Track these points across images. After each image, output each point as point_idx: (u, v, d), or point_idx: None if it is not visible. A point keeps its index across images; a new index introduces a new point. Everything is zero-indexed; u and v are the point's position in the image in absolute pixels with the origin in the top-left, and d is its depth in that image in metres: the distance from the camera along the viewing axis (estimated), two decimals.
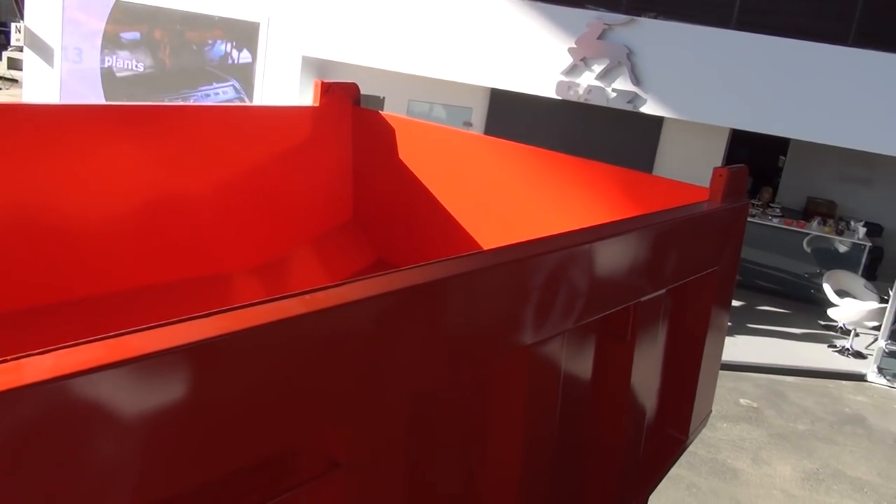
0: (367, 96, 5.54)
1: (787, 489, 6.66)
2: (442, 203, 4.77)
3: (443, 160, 4.73)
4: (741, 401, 8.26)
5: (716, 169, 3.49)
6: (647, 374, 3.20)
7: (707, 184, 3.52)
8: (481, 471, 2.43)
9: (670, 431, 3.90)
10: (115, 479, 1.35)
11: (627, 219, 2.93)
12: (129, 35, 10.97)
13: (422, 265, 1.98)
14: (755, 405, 8.25)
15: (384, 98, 11.16)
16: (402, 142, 4.84)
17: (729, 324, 4.07)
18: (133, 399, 1.33)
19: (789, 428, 7.84)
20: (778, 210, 11.98)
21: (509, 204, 4.49)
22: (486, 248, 4.71)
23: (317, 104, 4.77)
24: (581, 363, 2.90)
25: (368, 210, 5.20)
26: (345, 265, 5.07)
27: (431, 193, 4.77)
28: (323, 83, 4.74)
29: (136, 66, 10.99)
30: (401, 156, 4.86)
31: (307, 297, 1.56)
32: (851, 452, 7.51)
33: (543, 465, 2.63)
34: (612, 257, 2.72)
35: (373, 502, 1.85)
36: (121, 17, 10.92)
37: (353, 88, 4.93)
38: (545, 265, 2.37)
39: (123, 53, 11.00)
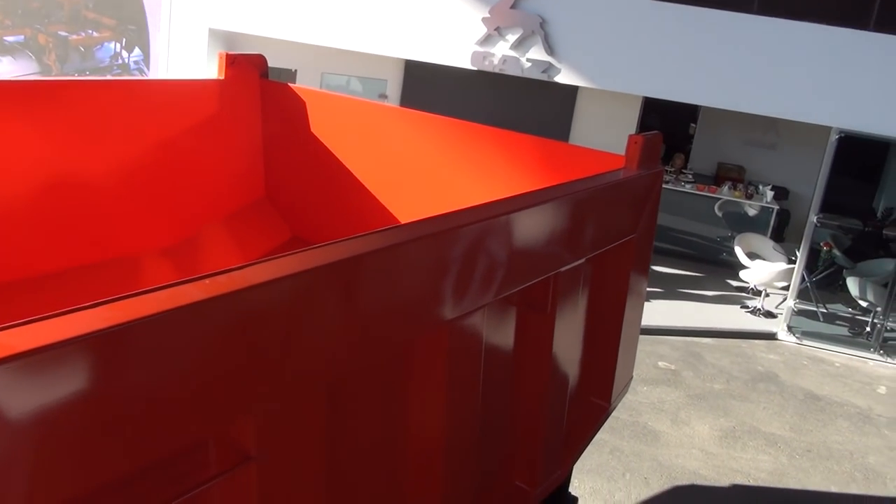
0: (277, 69, 5.33)
1: (705, 448, 6.85)
2: (357, 177, 4.66)
3: (357, 133, 4.62)
4: (660, 364, 8.45)
5: (631, 136, 3.49)
6: (568, 344, 3.19)
7: (623, 151, 3.51)
8: (404, 452, 2.37)
9: (593, 399, 3.92)
10: (8, 483, 1.23)
11: (545, 188, 2.89)
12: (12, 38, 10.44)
13: (333, 242, 1.88)
14: (673, 367, 8.45)
15: (296, 71, 10.92)
16: (313, 115, 4.70)
17: (647, 289, 4.11)
18: (22, 397, 1.22)
19: (706, 388, 8.06)
20: (690, 176, 12.24)
21: (427, 177, 4.42)
22: (404, 222, 4.64)
23: (222, 77, 4.58)
24: (502, 337, 2.86)
25: (281, 186, 5.05)
26: (258, 244, 4.92)
27: (346, 168, 4.66)
28: (227, 55, 4.55)
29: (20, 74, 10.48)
30: (313, 130, 4.72)
31: (207, 281, 1.46)
32: (765, 409, 7.77)
33: (467, 443, 2.59)
34: (530, 228, 2.68)
35: (289, 495, 1.77)
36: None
37: (259, 60, 4.74)
38: (464, 238, 2.30)
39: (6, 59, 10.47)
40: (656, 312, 9.59)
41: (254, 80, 4.78)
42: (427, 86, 11.07)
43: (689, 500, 6.11)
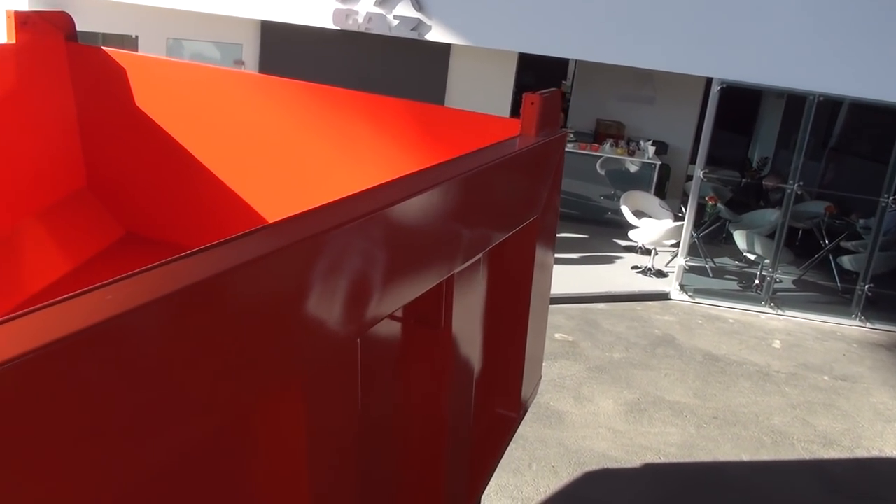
0: (114, 36, 4.33)
1: (612, 425, 6.42)
2: (199, 158, 3.82)
3: (194, 105, 3.78)
4: (556, 335, 8.00)
5: (526, 95, 2.83)
6: (467, 358, 2.54)
7: (502, 114, 2.86)
8: None
9: (500, 411, 3.30)
10: None
11: (429, 169, 2.19)
12: None
13: (152, 267, 1.16)
14: (570, 338, 8.01)
15: (137, 38, 9.74)
16: (138, 85, 3.81)
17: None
18: None
19: (606, 358, 7.66)
20: (571, 135, 11.85)
21: (286, 154, 3.64)
22: (258, 211, 3.85)
23: (13, 41, 3.63)
24: (384, 365, 2.17)
25: (106, 174, 4.15)
26: (86, 243, 4.07)
27: (183, 147, 3.81)
28: (17, 13, 3.59)
29: None
30: (139, 103, 3.84)
31: None
32: (667, 376, 7.44)
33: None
34: (414, 222, 1.97)
35: None
36: None
37: (63, 20, 3.80)
38: (333, 244, 1.58)
39: None
40: None
41: (58, 44, 3.85)
42: (287, 50, 10.11)
43: (600, 485, 5.66)
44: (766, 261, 9.53)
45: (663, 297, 9.41)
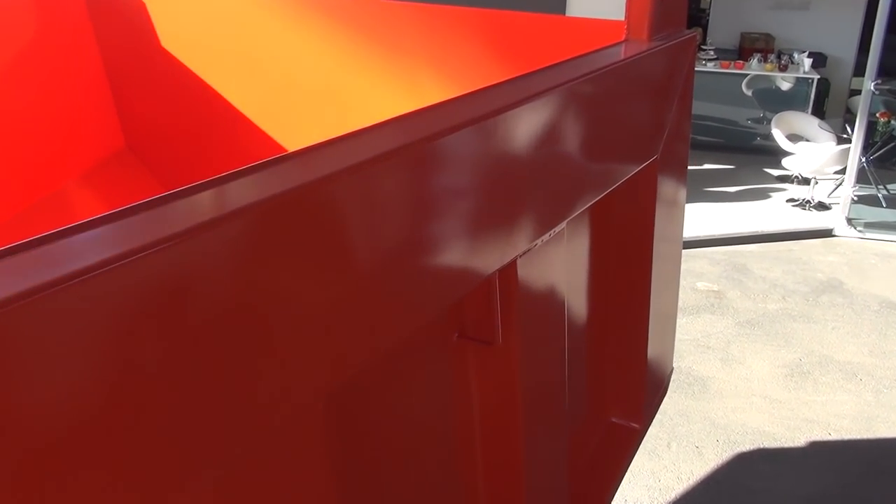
0: None
1: (768, 393, 5.43)
2: (237, 106, 3.16)
3: (223, 39, 3.10)
4: (698, 285, 6.97)
5: None
6: (548, 372, 1.75)
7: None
8: None
9: (617, 421, 2.48)
10: None
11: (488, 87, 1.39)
12: None
13: None
14: (715, 288, 6.97)
15: None
16: (162, 23, 3.18)
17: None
18: None
19: (759, 310, 6.59)
20: (711, 52, 10.49)
21: (328, 87, 2.91)
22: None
23: None
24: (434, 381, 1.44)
25: (142, 131, 3.60)
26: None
27: (216, 91, 3.16)
28: None
29: None
30: (165, 44, 3.21)
31: None
32: (834, 329, 6.30)
33: None
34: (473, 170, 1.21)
35: None
36: None
37: None
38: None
39: None
40: (686, 221, 8.05)
41: None
42: None
43: (755, 471, 4.73)
44: None
45: (826, 233, 8.10)
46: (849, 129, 8.54)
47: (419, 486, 1.52)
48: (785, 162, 8.74)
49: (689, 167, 2.46)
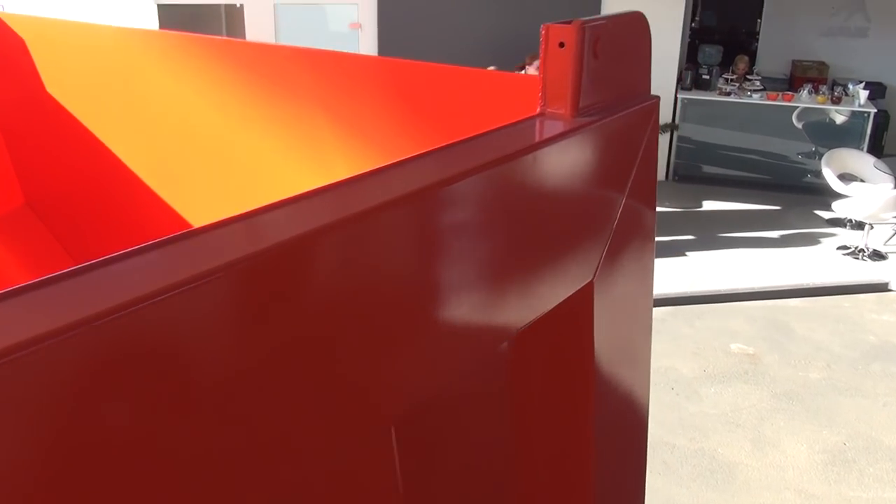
0: (214, 7, 3.26)
1: (803, 487, 4.67)
2: (126, 161, 2.64)
3: (112, 83, 2.57)
4: (732, 347, 6.22)
5: (548, 28, 1.29)
6: None
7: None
8: None
9: None
10: None
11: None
12: None
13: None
14: (751, 351, 6.21)
15: (242, 6, 8.80)
16: (45, 62, 2.68)
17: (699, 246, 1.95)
18: None
19: (799, 379, 5.81)
20: (758, 82, 9.73)
21: (222, 146, 2.37)
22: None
23: None
24: None
25: (41, 188, 3.11)
26: (28, 267, 3.21)
27: (105, 146, 2.64)
28: None
29: None
30: (49, 88, 2.70)
31: None
32: (886, 406, 5.50)
33: None
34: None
35: None
36: None
37: None
38: None
39: None
40: (722, 270, 7.30)
41: None
42: (409, 3, 8.81)
43: None
44: None
45: (881, 287, 7.25)
46: None
47: None
48: (836, 206, 7.92)
49: (731, 206, 1.81)
